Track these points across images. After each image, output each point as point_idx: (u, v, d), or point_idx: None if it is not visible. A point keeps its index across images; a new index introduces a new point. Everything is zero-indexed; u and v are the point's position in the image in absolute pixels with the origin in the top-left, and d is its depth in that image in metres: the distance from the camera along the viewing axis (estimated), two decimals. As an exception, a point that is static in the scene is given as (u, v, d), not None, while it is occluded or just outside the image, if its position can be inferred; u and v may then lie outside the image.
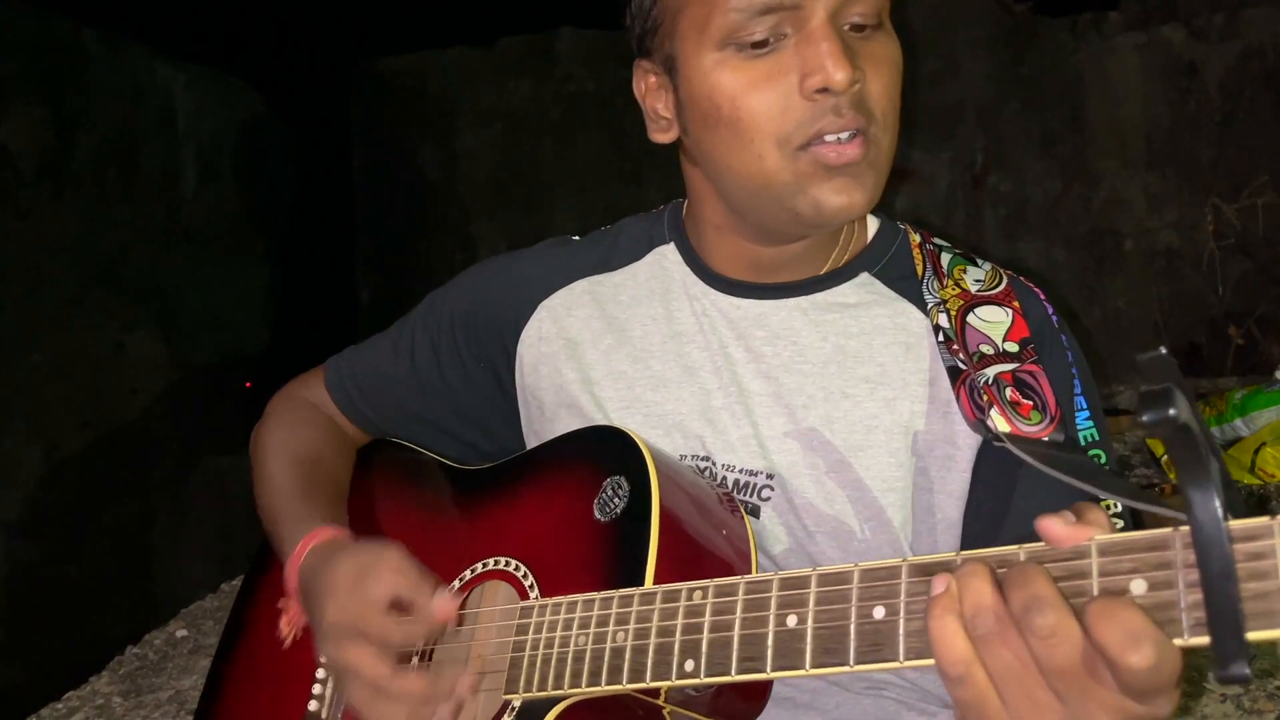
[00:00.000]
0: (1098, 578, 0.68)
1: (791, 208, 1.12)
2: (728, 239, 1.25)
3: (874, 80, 1.09)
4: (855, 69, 1.05)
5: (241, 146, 4.83)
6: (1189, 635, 0.63)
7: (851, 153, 1.08)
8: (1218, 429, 3.50)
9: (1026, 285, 1.22)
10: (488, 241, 5.34)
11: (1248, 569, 0.61)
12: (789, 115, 1.07)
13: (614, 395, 1.28)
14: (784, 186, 1.11)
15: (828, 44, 1.05)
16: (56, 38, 3.89)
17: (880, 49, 1.11)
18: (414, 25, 5.44)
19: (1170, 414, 0.58)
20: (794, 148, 1.08)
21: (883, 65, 1.10)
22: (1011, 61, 4.94)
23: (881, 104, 1.10)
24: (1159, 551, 0.66)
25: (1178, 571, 0.65)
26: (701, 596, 0.90)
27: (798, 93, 1.07)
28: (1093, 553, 0.69)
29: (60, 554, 3.77)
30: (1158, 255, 4.74)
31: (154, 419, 4.26)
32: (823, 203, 1.10)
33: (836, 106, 1.06)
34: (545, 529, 1.16)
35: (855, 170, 1.09)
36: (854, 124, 1.07)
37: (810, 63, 1.05)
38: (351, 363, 1.48)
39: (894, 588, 0.78)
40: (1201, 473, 0.60)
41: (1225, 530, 0.61)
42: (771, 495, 1.18)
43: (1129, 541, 0.68)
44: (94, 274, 4.00)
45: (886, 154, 1.13)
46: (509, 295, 1.38)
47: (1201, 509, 0.61)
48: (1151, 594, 0.66)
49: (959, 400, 1.11)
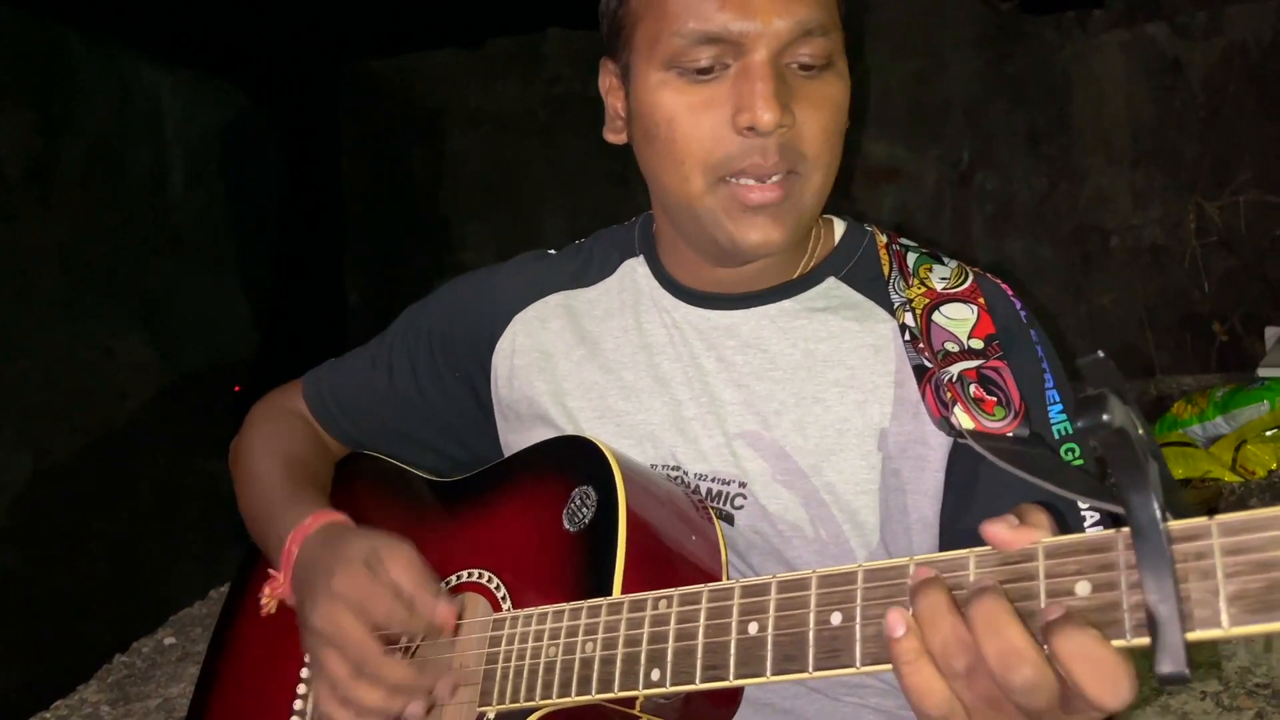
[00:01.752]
0: (1044, 580, 0.69)
1: (711, 236, 1.14)
2: (682, 253, 1.27)
3: (809, 122, 1.10)
4: (785, 112, 1.06)
5: (229, 149, 4.83)
6: (1131, 636, 0.64)
7: (771, 195, 1.09)
8: (1199, 426, 3.52)
9: (993, 282, 1.23)
10: (476, 243, 5.35)
11: (1187, 569, 0.62)
12: (718, 146, 1.09)
13: (585, 406, 1.28)
14: (706, 213, 1.13)
15: (761, 84, 1.05)
16: (41, 41, 3.89)
17: (823, 90, 1.11)
18: (402, 27, 5.44)
19: (1104, 419, 0.59)
20: (718, 178, 1.10)
21: (821, 107, 1.11)
22: (997, 60, 4.96)
23: (815, 145, 1.11)
24: (1102, 553, 0.67)
25: (1120, 573, 0.65)
26: (666, 605, 0.91)
27: (728, 125, 1.08)
28: (1039, 556, 0.70)
29: (48, 562, 3.77)
30: (1143, 252, 4.75)
31: (143, 424, 4.26)
32: (738, 238, 1.12)
33: (764, 148, 1.07)
34: (516, 540, 1.16)
35: (774, 210, 1.10)
36: (778, 168, 1.08)
37: (743, 99, 1.06)
38: (330, 377, 1.49)
39: (850, 593, 0.78)
40: (1139, 475, 0.61)
41: (1164, 531, 0.62)
42: (745, 503, 1.18)
43: (1074, 544, 0.69)
44: (82, 278, 4.00)
45: (816, 192, 1.14)
46: (484, 309, 1.39)
47: (1140, 511, 0.62)
48: (1095, 595, 0.66)
49: (925, 398, 1.12)
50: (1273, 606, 0.59)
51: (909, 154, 5.00)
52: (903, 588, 0.76)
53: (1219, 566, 0.61)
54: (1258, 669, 2.61)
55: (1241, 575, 0.60)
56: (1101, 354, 0.66)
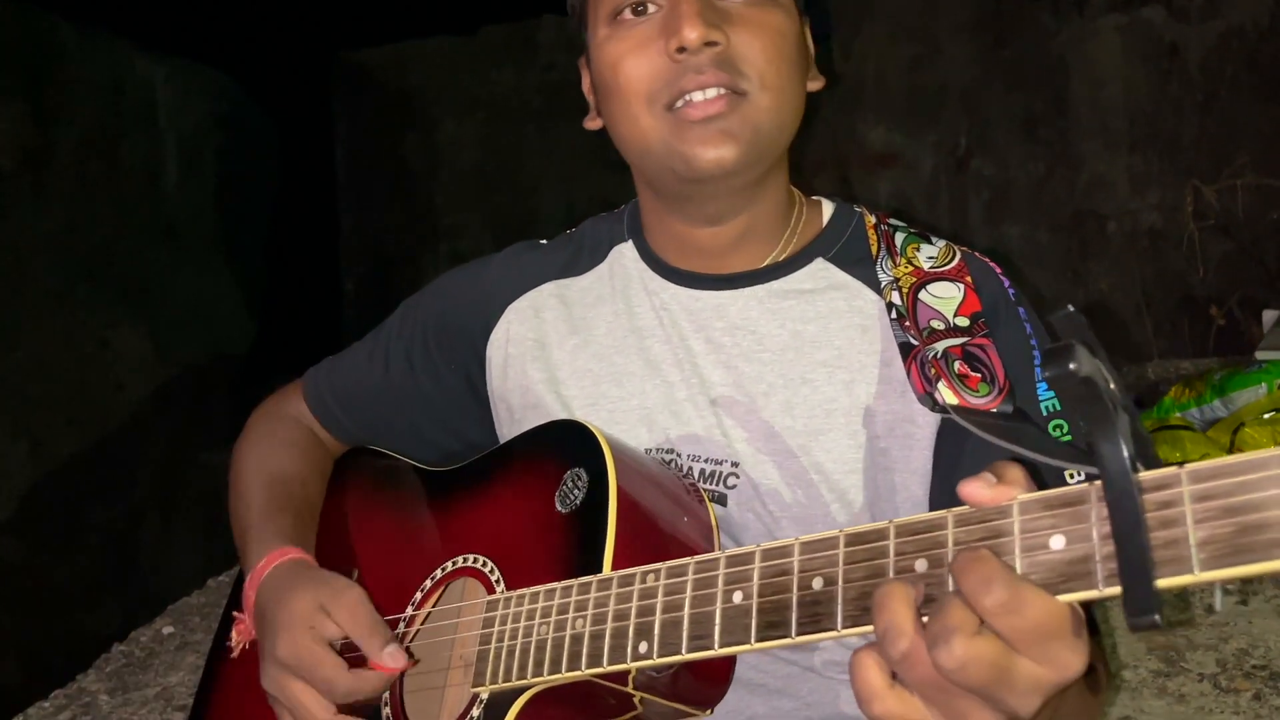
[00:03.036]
0: (1019, 536, 0.69)
1: (670, 167, 1.15)
2: (665, 224, 1.28)
3: (746, 43, 1.12)
4: (715, 30, 1.09)
5: (223, 139, 4.83)
6: (1103, 586, 0.64)
7: (714, 107, 1.10)
8: (1197, 410, 3.50)
9: (981, 260, 1.23)
10: (472, 230, 5.34)
11: (1157, 518, 0.62)
12: (656, 77, 1.12)
13: (579, 393, 1.29)
14: (660, 145, 1.14)
15: (685, 4, 1.09)
16: (34, 32, 3.89)
17: (760, 15, 1.13)
18: (395, 15, 5.44)
19: (1070, 368, 0.59)
20: (661, 107, 1.12)
21: (758, 29, 1.13)
22: (994, 45, 4.95)
23: (757, 64, 1.12)
24: (1076, 506, 0.66)
25: (1092, 525, 0.65)
26: (654, 579, 0.91)
27: (665, 56, 1.11)
28: (1014, 512, 0.69)
29: (47, 552, 3.77)
30: (1140, 236, 4.75)
31: (140, 415, 4.26)
32: (692, 158, 1.12)
33: (697, 65, 1.09)
34: (510, 524, 1.17)
35: (723, 123, 1.11)
36: (715, 81, 1.10)
37: (670, 25, 1.10)
38: (329, 374, 1.50)
39: (832, 558, 0.78)
40: (1108, 425, 0.61)
41: (1135, 481, 0.62)
42: (737, 483, 1.19)
43: (1048, 499, 0.68)
44: (77, 270, 4.00)
45: (768, 113, 1.14)
46: (478, 300, 1.40)
47: (1110, 460, 0.62)
48: (1069, 548, 0.66)
49: (910, 375, 1.12)
50: (1241, 550, 0.58)
51: (906, 140, 5.00)
52: (883, 549, 0.76)
53: (1188, 513, 0.60)
54: (1255, 650, 2.61)
55: (1210, 521, 0.60)
56: (1071, 308, 0.65)
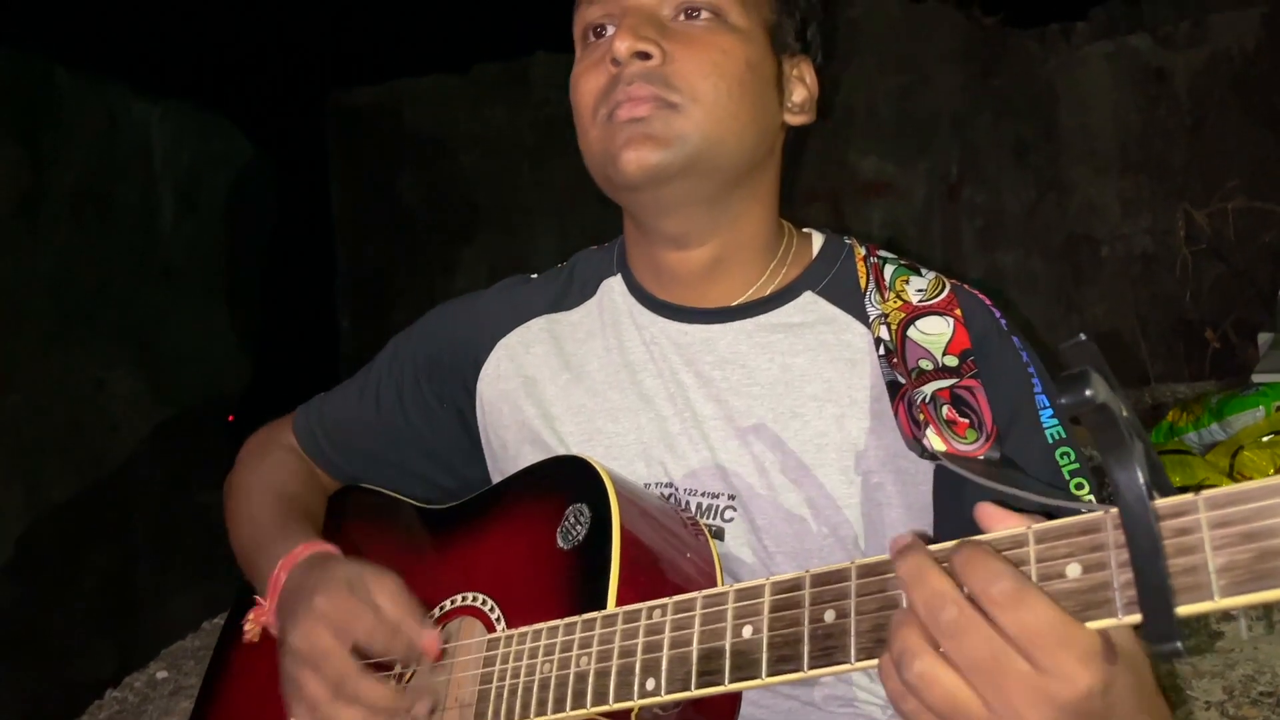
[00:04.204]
0: (1035, 564, 0.68)
1: (606, 174, 1.17)
2: (643, 251, 1.28)
3: (684, 58, 1.13)
4: (648, 43, 1.11)
5: (219, 180, 4.84)
6: (1123, 614, 0.64)
7: (639, 110, 1.12)
8: (1195, 434, 3.50)
9: (971, 293, 1.22)
10: (468, 266, 5.35)
11: (1175, 545, 0.61)
12: (600, 89, 1.15)
13: (574, 429, 1.28)
14: (599, 153, 1.16)
15: (625, 19, 1.13)
16: (30, 76, 3.90)
17: (707, 35, 1.15)
18: (389, 54, 5.47)
19: (1087, 395, 0.59)
20: (603, 116, 1.15)
21: (698, 46, 1.14)
22: (982, 73, 4.99)
23: (690, 79, 1.13)
24: (1092, 534, 0.66)
25: (1109, 552, 0.65)
26: (661, 614, 0.90)
27: (608, 70, 1.14)
28: (1030, 540, 0.69)
29: (41, 596, 3.74)
30: (1133, 261, 4.77)
31: (136, 456, 4.24)
32: (617, 157, 1.13)
33: (629, 77, 1.12)
34: (511, 561, 1.16)
35: (645, 127, 1.12)
36: (644, 93, 1.12)
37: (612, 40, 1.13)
38: (320, 411, 1.49)
39: (844, 590, 0.78)
40: (1124, 452, 0.61)
41: (1151, 508, 0.62)
42: (734, 516, 1.18)
43: (1064, 527, 0.68)
44: (73, 311, 3.99)
45: (698, 128, 1.14)
46: (469, 335, 1.39)
47: (1127, 488, 0.61)
48: (1086, 576, 0.66)
49: (897, 417, 1.12)
50: (1261, 576, 0.58)
51: (897, 168, 5.02)
52: (895, 581, 0.75)
53: (1206, 540, 0.60)
54: (1261, 677, 2.59)
55: (1229, 547, 0.60)
56: (1084, 336, 0.66)
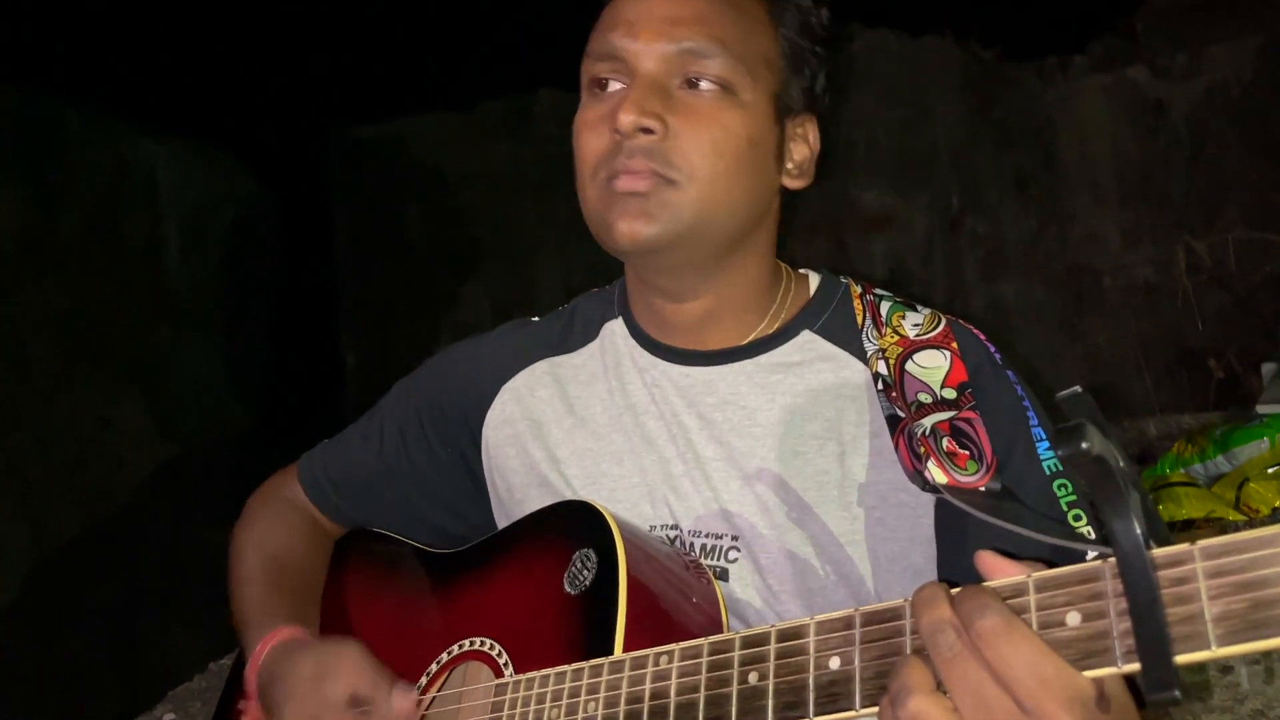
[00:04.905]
0: (1036, 612, 0.69)
1: (601, 236, 1.18)
2: (642, 298, 1.29)
3: (686, 134, 1.13)
4: (652, 118, 1.11)
5: (224, 217, 4.88)
6: (1122, 662, 0.64)
7: (636, 184, 1.12)
8: (1201, 465, 3.50)
9: (965, 327, 1.24)
10: (471, 302, 5.37)
11: (1172, 594, 0.62)
12: (601, 152, 1.15)
13: (579, 472, 1.29)
14: (595, 215, 1.17)
15: (631, 91, 1.13)
16: (37, 116, 3.94)
17: (711, 109, 1.14)
18: (393, 92, 5.51)
19: (1083, 447, 0.60)
20: (602, 179, 1.15)
21: (701, 121, 1.13)
22: (981, 106, 5.02)
23: (690, 158, 1.13)
24: (1091, 583, 0.67)
25: (1108, 601, 0.65)
26: (668, 660, 0.91)
27: (611, 132, 1.14)
28: (1030, 589, 0.70)
29: (47, 636, 3.73)
30: (1135, 291, 4.78)
31: (141, 493, 4.24)
32: (612, 227, 1.14)
33: (630, 150, 1.11)
34: (518, 606, 1.16)
35: (642, 202, 1.13)
36: (644, 168, 1.12)
37: (617, 106, 1.13)
38: (323, 458, 1.49)
39: (849, 637, 0.78)
40: (1121, 503, 0.62)
41: (1148, 558, 0.62)
42: (738, 557, 1.18)
43: (1063, 576, 0.69)
44: (79, 349, 4.01)
45: (693, 204, 1.14)
46: (472, 380, 1.40)
47: (1124, 538, 0.62)
48: (1086, 625, 0.66)
49: (898, 450, 1.12)
50: (1257, 626, 0.59)
51: (898, 201, 5.05)
52: (899, 629, 0.76)
53: (1202, 590, 0.61)
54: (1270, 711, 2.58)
55: (1225, 597, 0.60)
56: (1079, 388, 0.67)
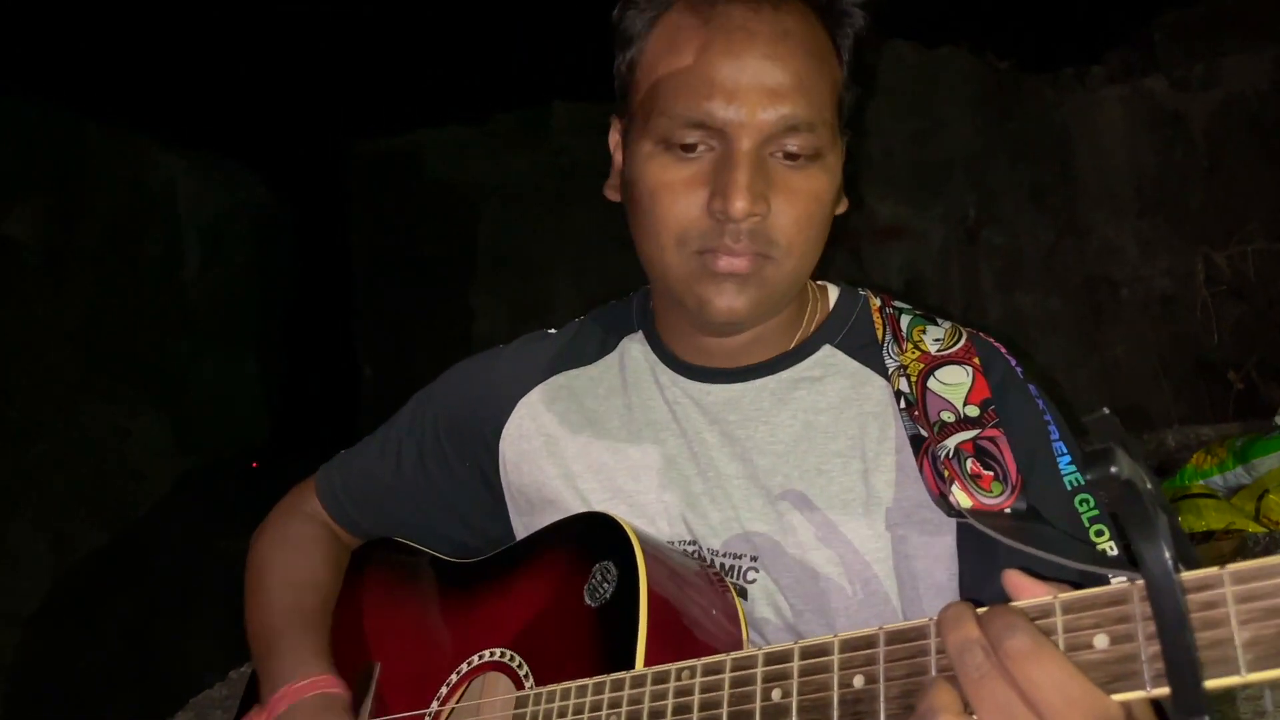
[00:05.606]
0: (1063, 634, 0.69)
1: (682, 301, 1.17)
2: (676, 324, 1.28)
3: (784, 213, 1.12)
4: (759, 201, 1.08)
5: (242, 230, 4.90)
6: (1151, 686, 0.64)
7: (737, 265, 1.11)
8: (1219, 477, 3.48)
9: (986, 340, 1.23)
10: (488, 313, 5.38)
11: (1201, 618, 0.62)
12: (693, 225, 1.12)
13: (596, 488, 1.28)
14: (679, 282, 1.15)
15: (738, 173, 1.08)
16: (58, 130, 3.97)
17: (803, 183, 1.13)
18: (409, 105, 5.54)
19: (1112, 471, 0.60)
20: (691, 251, 1.13)
21: (798, 198, 1.12)
22: (998, 117, 5.02)
23: (788, 234, 1.12)
24: (1119, 606, 0.67)
25: (1137, 624, 0.65)
26: (690, 676, 0.91)
27: (705, 206, 1.11)
28: (1057, 611, 0.70)
29: (67, 645, 3.75)
30: (1153, 302, 4.76)
31: (160, 504, 4.26)
32: (706, 303, 1.14)
33: (734, 232, 1.10)
34: (538, 618, 1.16)
35: (740, 281, 1.12)
36: (747, 250, 1.11)
37: (719, 185, 1.09)
38: (341, 470, 1.50)
39: (873, 655, 0.79)
40: (1149, 528, 0.62)
41: (1177, 582, 0.62)
42: (757, 577, 1.18)
43: (1091, 598, 0.69)
44: (98, 361, 4.04)
45: (787, 276, 1.15)
46: (489, 394, 1.40)
47: (1153, 562, 0.62)
48: (1114, 648, 0.66)
49: (922, 472, 1.12)
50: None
51: (914, 213, 5.04)
52: (924, 648, 0.76)
53: (1232, 615, 0.61)
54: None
55: (1255, 622, 0.60)
56: (1107, 410, 0.67)
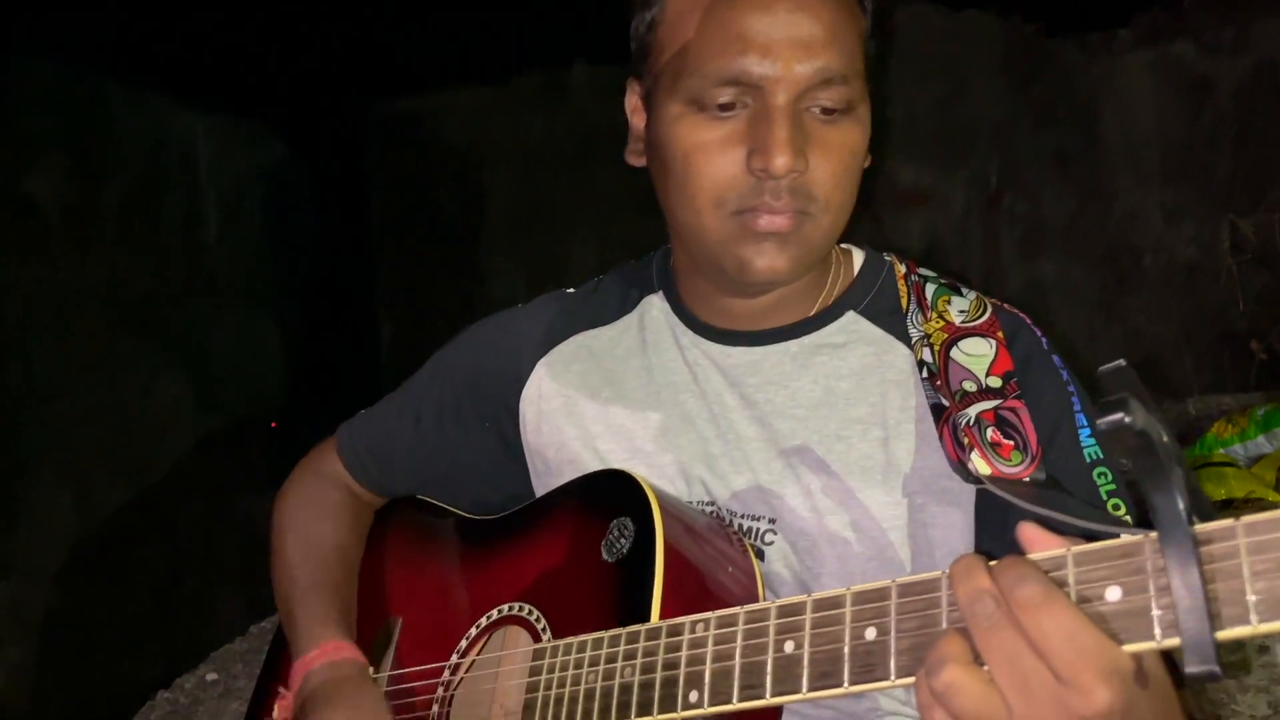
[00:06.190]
0: (1075, 586, 0.69)
1: (719, 263, 1.16)
2: (699, 286, 1.28)
3: (821, 167, 1.11)
4: (799, 157, 1.07)
5: (262, 191, 4.91)
6: (1161, 637, 0.64)
7: (779, 223, 1.10)
8: (1240, 446, 3.47)
9: (1012, 313, 1.23)
10: (506, 276, 5.39)
11: (1214, 570, 0.62)
12: (731, 185, 1.11)
13: (615, 448, 1.29)
14: (715, 244, 1.14)
15: (778, 129, 1.06)
16: (78, 89, 3.98)
17: (838, 136, 1.12)
18: (429, 66, 5.51)
19: (1126, 421, 0.60)
20: (729, 212, 1.12)
21: (835, 152, 1.12)
22: (1022, 82, 4.96)
23: (825, 188, 1.12)
24: (1131, 558, 0.67)
25: (1149, 576, 0.66)
26: (704, 629, 0.92)
27: (743, 164, 1.09)
28: (1069, 562, 0.70)
29: (92, 599, 3.81)
30: (1177, 271, 4.72)
31: (182, 462, 4.30)
32: (746, 262, 1.13)
33: (775, 189, 1.09)
34: (555, 573, 1.18)
35: (781, 240, 1.12)
36: (788, 207, 1.10)
37: (759, 142, 1.07)
38: (362, 430, 1.51)
39: (884, 608, 0.79)
40: (1163, 478, 0.62)
41: (1191, 534, 0.62)
42: (775, 539, 1.19)
43: (1104, 550, 0.69)
44: (120, 320, 4.06)
45: (825, 232, 1.15)
46: (508, 355, 1.40)
47: (1166, 513, 0.62)
48: (1126, 599, 0.67)
49: (942, 439, 1.12)
50: (1300, 603, 0.59)
51: (936, 178, 5.00)
52: (936, 600, 0.76)
53: (1245, 566, 0.61)
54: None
55: (1268, 574, 0.60)
56: (1123, 362, 0.66)
